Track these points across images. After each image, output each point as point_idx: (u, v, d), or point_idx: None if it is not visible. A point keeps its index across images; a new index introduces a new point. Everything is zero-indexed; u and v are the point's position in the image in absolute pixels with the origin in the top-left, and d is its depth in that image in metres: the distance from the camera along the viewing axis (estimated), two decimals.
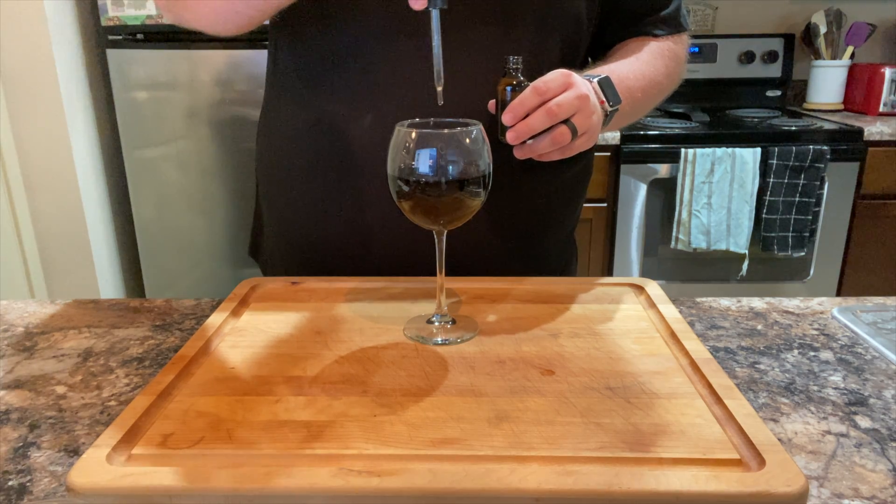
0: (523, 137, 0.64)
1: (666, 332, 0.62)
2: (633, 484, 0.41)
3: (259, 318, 0.66)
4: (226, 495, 0.41)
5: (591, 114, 0.66)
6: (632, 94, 0.77)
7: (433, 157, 0.55)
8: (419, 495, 0.41)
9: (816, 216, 1.91)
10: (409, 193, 0.56)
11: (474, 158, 0.56)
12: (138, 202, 2.01)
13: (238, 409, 0.50)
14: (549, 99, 0.63)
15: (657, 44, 0.83)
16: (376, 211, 0.77)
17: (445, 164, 0.55)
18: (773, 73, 2.32)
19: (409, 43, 0.73)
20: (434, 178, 0.55)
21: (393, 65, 0.74)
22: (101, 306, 0.75)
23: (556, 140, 0.64)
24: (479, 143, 0.57)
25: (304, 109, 0.79)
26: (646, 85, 0.79)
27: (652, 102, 0.83)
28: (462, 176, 0.56)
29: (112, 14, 1.86)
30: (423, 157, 0.55)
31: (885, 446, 0.49)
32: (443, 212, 0.58)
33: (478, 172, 0.56)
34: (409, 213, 0.59)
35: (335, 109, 0.77)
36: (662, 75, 0.82)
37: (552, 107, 0.63)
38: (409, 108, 0.71)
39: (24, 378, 0.60)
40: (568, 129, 0.64)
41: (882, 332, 0.66)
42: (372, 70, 0.75)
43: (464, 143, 0.56)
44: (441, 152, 0.55)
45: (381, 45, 0.74)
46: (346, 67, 0.76)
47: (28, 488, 0.45)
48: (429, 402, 0.51)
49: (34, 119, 1.90)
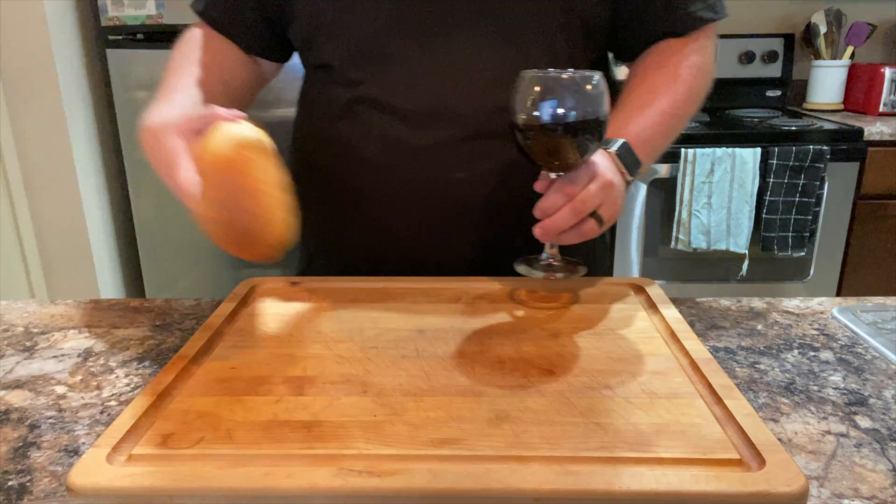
0: (552, 234, 0.64)
1: (666, 332, 0.62)
2: (633, 484, 0.41)
3: (259, 318, 0.66)
4: (226, 495, 0.41)
5: (616, 199, 0.67)
6: (652, 144, 0.76)
7: (554, 102, 0.60)
8: (419, 495, 0.41)
9: (816, 216, 1.91)
10: (530, 134, 0.62)
11: (594, 105, 0.61)
12: (138, 202, 2.01)
13: (238, 409, 0.50)
14: (576, 195, 0.63)
15: (681, 55, 0.80)
16: (391, 213, 0.79)
17: (566, 110, 0.60)
18: (773, 73, 2.32)
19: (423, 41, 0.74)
20: (553, 122, 0.60)
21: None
22: (101, 306, 0.75)
23: (584, 234, 0.65)
24: (600, 90, 0.61)
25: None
26: (666, 124, 0.78)
27: (674, 135, 0.81)
28: (580, 122, 0.60)
29: (112, 14, 1.86)
30: (545, 102, 0.60)
31: (885, 446, 0.49)
32: (559, 154, 0.62)
33: (596, 120, 0.61)
34: (529, 154, 0.64)
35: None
36: (685, 101, 0.79)
37: (577, 204, 0.63)
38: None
39: (24, 378, 0.60)
40: (595, 221, 0.65)
41: (882, 332, 0.66)
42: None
43: (584, 89, 0.61)
44: (562, 98, 0.60)
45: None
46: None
47: (28, 488, 0.45)
48: (429, 402, 0.51)
49: (34, 119, 1.90)
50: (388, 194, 0.79)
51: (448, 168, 0.77)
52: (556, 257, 0.69)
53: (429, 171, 0.77)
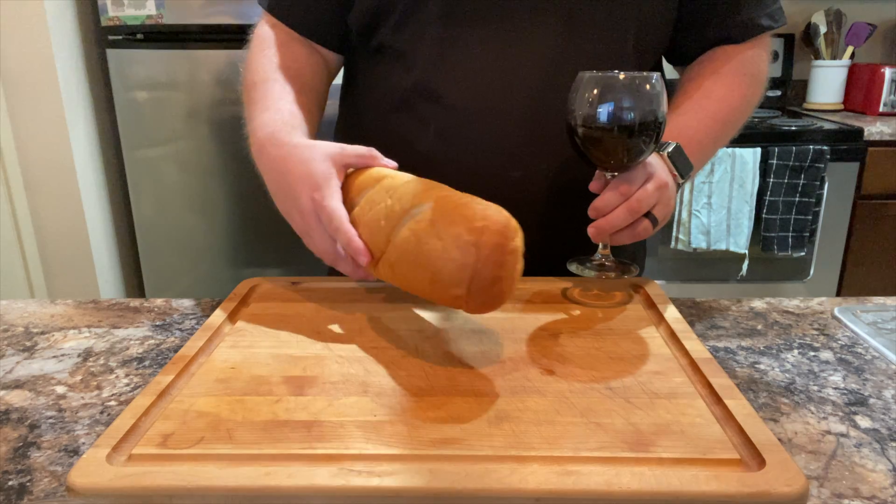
0: (606, 233, 0.64)
1: (666, 332, 0.62)
2: (633, 484, 0.41)
3: (259, 318, 0.66)
4: (226, 495, 0.41)
5: (669, 200, 0.67)
6: (703, 149, 0.76)
7: (612, 103, 0.60)
8: (419, 495, 0.41)
9: (816, 216, 1.91)
10: (589, 134, 0.62)
11: (652, 106, 0.61)
12: (138, 202, 2.01)
13: (238, 409, 0.50)
14: (632, 194, 0.63)
15: (736, 62, 0.79)
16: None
17: (624, 111, 0.60)
18: (773, 73, 2.31)
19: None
20: (611, 123, 0.61)
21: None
22: (101, 306, 0.75)
23: (638, 234, 0.65)
24: (658, 91, 0.61)
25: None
26: (718, 130, 0.77)
27: (724, 142, 0.81)
28: (639, 122, 0.61)
29: (112, 14, 1.86)
30: (604, 103, 0.61)
31: (885, 446, 0.49)
32: (616, 154, 0.62)
33: (655, 121, 0.61)
34: (586, 154, 0.64)
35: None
36: (738, 108, 0.79)
37: (633, 203, 0.63)
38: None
39: (24, 378, 0.60)
40: (650, 222, 0.65)
41: (882, 332, 0.66)
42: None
43: (643, 89, 0.61)
44: (620, 99, 0.60)
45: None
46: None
47: (28, 488, 0.45)
48: (429, 402, 0.51)
49: (34, 119, 1.90)
50: None
51: (504, 167, 0.76)
52: (609, 257, 0.69)
53: (485, 169, 0.76)
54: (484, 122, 0.75)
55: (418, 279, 0.56)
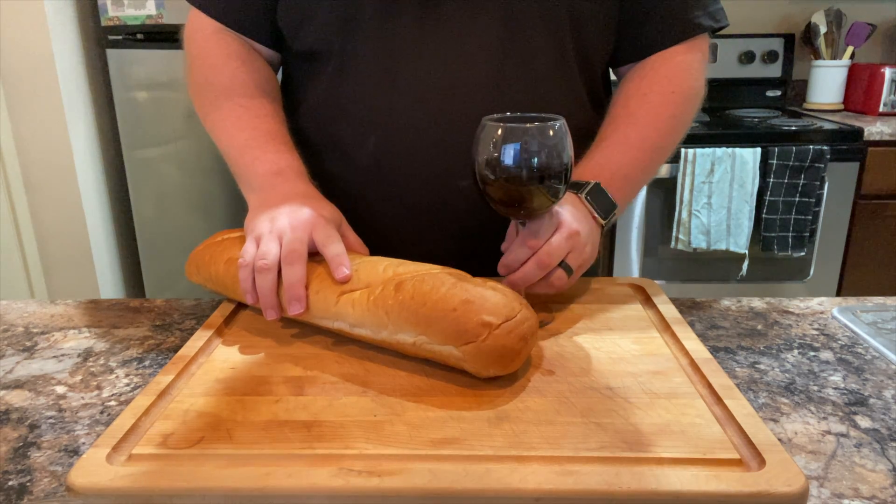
0: (520, 288, 0.63)
1: (666, 332, 0.62)
2: (633, 484, 0.41)
3: (259, 318, 0.66)
4: (226, 495, 0.41)
5: (583, 247, 0.65)
6: (630, 183, 0.74)
7: (517, 149, 0.57)
8: (419, 495, 0.41)
9: (816, 216, 1.91)
10: (494, 182, 0.59)
11: (557, 151, 0.58)
12: (138, 202, 2.01)
13: (238, 409, 0.50)
14: (540, 248, 0.62)
15: (663, 79, 0.77)
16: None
17: (529, 157, 0.57)
18: (773, 73, 2.31)
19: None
20: (517, 169, 0.57)
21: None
22: (101, 306, 0.75)
23: (553, 285, 0.63)
24: (562, 136, 0.58)
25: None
26: (646, 159, 0.75)
27: (656, 168, 0.78)
28: (544, 168, 0.58)
29: (112, 14, 1.86)
30: (508, 150, 0.57)
31: (885, 446, 0.49)
32: (523, 201, 0.60)
33: (560, 166, 0.58)
34: (492, 202, 0.61)
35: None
36: (666, 131, 0.76)
37: (542, 257, 0.61)
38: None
39: (24, 378, 0.60)
40: (563, 271, 0.63)
41: (882, 332, 0.66)
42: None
43: (547, 135, 0.58)
44: (525, 145, 0.57)
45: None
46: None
47: (28, 488, 0.45)
48: (429, 402, 0.51)
49: (34, 119, 1.90)
50: (382, 200, 0.77)
51: (451, 175, 0.74)
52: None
53: (431, 178, 0.75)
54: (427, 130, 0.73)
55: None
